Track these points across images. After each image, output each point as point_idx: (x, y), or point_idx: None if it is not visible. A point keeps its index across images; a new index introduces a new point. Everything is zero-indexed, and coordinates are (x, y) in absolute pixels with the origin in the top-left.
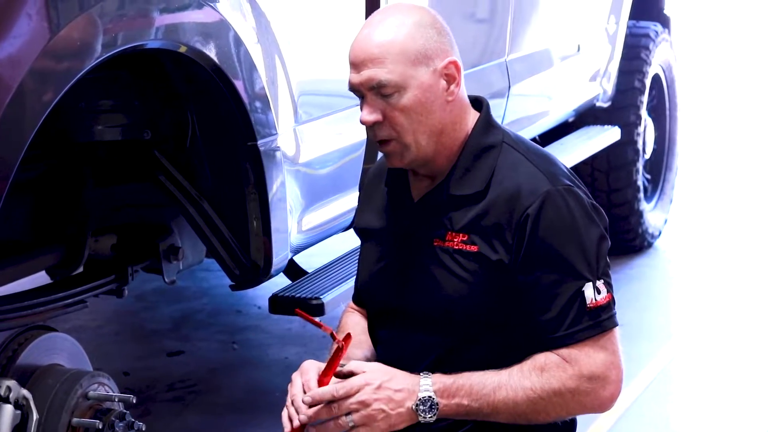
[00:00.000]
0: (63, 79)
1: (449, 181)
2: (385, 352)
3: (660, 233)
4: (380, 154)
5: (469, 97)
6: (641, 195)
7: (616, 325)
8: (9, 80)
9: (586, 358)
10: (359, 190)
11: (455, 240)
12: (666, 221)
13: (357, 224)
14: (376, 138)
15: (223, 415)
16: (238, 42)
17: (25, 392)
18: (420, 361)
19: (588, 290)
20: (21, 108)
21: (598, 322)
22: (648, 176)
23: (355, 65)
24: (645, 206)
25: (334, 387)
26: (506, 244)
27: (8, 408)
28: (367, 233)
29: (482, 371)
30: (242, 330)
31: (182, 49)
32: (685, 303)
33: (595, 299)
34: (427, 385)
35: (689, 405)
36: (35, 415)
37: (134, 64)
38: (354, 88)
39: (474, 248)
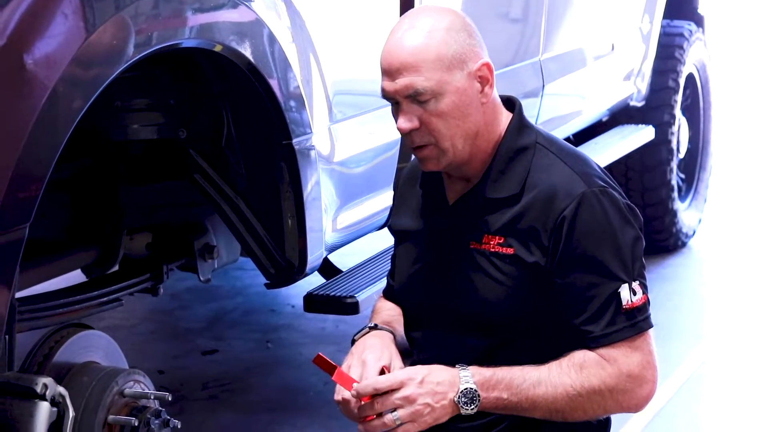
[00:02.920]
0: (98, 79)
1: (484, 183)
2: (421, 353)
3: (694, 233)
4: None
5: (501, 97)
6: (675, 194)
7: (651, 326)
8: (45, 80)
9: (623, 357)
10: (394, 191)
11: (491, 243)
12: (700, 221)
13: (392, 225)
14: (413, 144)
15: (257, 413)
16: (273, 41)
17: (61, 389)
18: (455, 362)
19: (624, 291)
20: (57, 108)
21: (634, 323)
22: (682, 176)
23: (390, 73)
24: (679, 206)
25: (376, 380)
26: (542, 246)
27: (45, 405)
28: (402, 234)
29: (521, 366)
30: (276, 329)
31: (217, 48)
32: (718, 303)
33: (631, 300)
34: (467, 376)
35: (721, 407)
36: (71, 413)
37: (170, 63)
38: (388, 95)
39: (510, 251)
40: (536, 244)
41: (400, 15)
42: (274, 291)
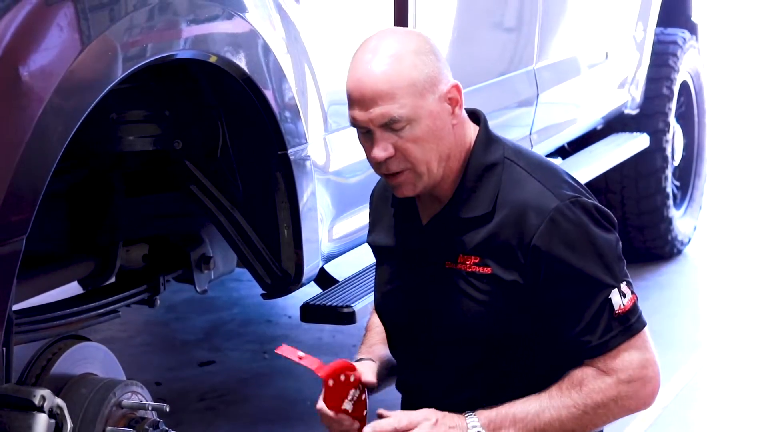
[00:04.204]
0: (94, 91)
1: (456, 203)
2: (406, 369)
3: (689, 240)
4: None
5: (465, 110)
6: (670, 202)
7: (645, 324)
8: (41, 92)
9: (621, 363)
10: (369, 207)
11: (468, 262)
12: (695, 228)
13: (371, 241)
14: (389, 171)
15: (255, 424)
16: (268, 52)
17: (59, 401)
18: (442, 379)
19: (615, 297)
20: (53, 120)
21: (629, 326)
22: (677, 183)
23: (362, 102)
24: (674, 213)
25: (397, 419)
26: (519, 264)
27: (43, 417)
28: (380, 250)
29: (522, 399)
30: (273, 340)
31: (212, 59)
32: (714, 311)
33: (623, 304)
34: (474, 422)
35: (718, 414)
36: (69, 424)
37: (165, 74)
38: (360, 125)
39: (488, 270)
40: (513, 263)
41: (394, 24)
42: (271, 302)
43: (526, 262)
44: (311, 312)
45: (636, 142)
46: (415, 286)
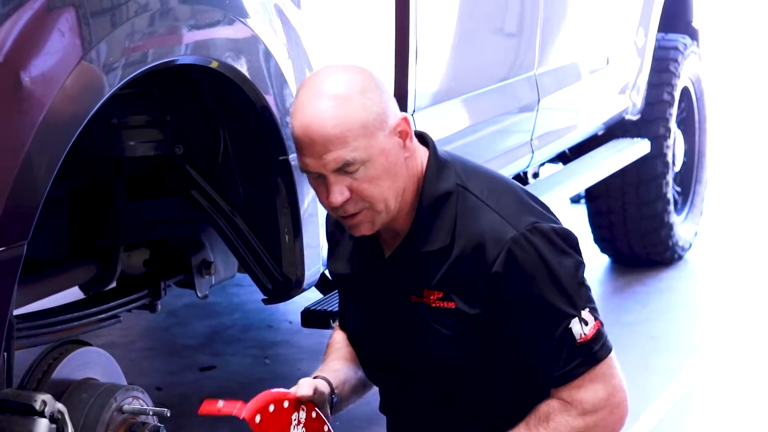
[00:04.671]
0: (95, 96)
1: (415, 236)
2: (385, 396)
3: (690, 246)
4: None
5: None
6: (671, 208)
7: (610, 350)
8: (42, 97)
9: (585, 393)
10: (326, 231)
11: (432, 297)
12: (696, 234)
13: (332, 269)
14: (347, 213)
15: None
16: (269, 57)
17: (60, 406)
18: (420, 406)
19: (575, 326)
20: (54, 125)
21: (592, 354)
22: (678, 189)
23: (312, 149)
24: (675, 219)
25: None
26: (481, 297)
27: (44, 422)
28: (343, 280)
29: None
30: (274, 345)
31: (213, 65)
32: (714, 316)
33: (584, 333)
34: None
35: (718, 419)
36: (70, 429)
37: (166, 79)
38: (313, 171)
39: (451, 305)
40: (475, 296)
41: (396, 30)
42: (272, 307)
43: (487, 295)
44: (312, 317)
45: (637, 148)
46: (383, 320)
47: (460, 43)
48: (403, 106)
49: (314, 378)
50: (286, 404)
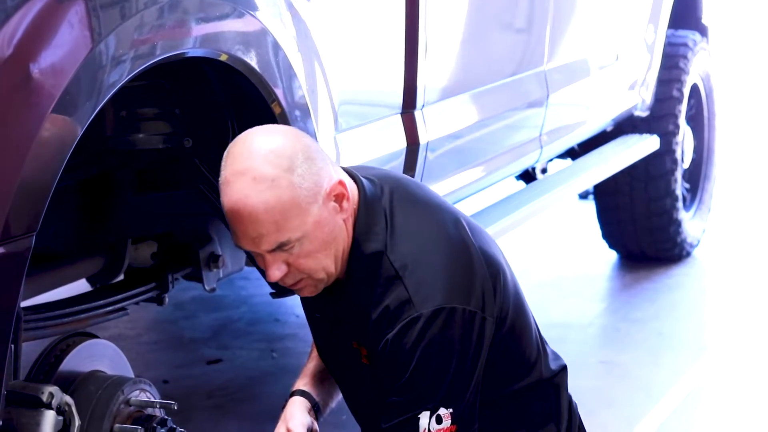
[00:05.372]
0: (104, 88)
1: (347, 289)
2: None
3: (699, 242)
4: None
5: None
6: (680, 204)
7: None
8: (52, 89)
9: None
10: None
11: (362, 351)
12: (704, 230)
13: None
14: (287, 285)
15: (263, 422)
16: (278, 50)
17: (67, 398)
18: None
19: (423, 418)
20: (63, 117)
21: None
22: (687, 185)
23: (246, 236)
24: (683, 216)
25: None
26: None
27: (51, 414)
28: (305, 306)
29: None
30: (281, 338)
31: (223, 57)
32: (723, 313)
33: (429, 429)
34: None
35: (726, 417)
36: (77, 421)
37: (175, 72)
38: (247, 250)
39: (368, 363)
40: (377, 362)
41: (406, 26)
42: (279, 301)
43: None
44: None
45: (646, 144)
46: (338, 353)
47: (470, 38)
48: (412, 101)
49: (293, 392)
50: None
